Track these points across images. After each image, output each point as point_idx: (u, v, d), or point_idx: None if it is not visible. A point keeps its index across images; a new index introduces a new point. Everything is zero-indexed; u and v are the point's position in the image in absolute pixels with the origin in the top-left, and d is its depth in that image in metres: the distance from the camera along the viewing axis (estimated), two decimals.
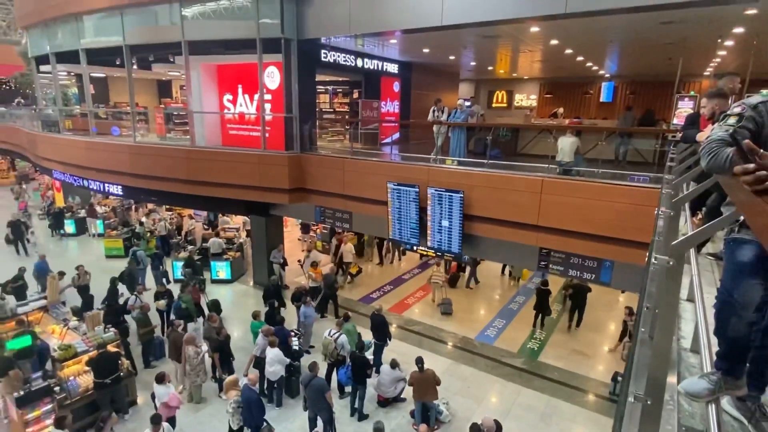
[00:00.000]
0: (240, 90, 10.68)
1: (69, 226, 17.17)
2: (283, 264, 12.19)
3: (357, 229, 10.43)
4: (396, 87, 15.08)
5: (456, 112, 9.08)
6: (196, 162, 10.13)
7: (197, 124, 10.81)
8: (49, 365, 7.81)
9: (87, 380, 7.37)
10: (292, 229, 17.99)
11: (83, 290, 10.43)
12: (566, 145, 7.40)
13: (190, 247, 14.23)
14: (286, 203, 10.11)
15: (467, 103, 11.72)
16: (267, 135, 9.93)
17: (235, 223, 17.35)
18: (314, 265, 11.30)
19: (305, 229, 15.67)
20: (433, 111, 9.60)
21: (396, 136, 12.75)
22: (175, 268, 12.46)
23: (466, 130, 8.95)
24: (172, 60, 12.24)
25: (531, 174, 7.21)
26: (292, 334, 8.42)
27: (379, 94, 14.13)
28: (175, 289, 10.26)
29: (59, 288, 10.08)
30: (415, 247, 8.87)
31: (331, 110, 16.04)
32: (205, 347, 8.17)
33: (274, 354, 7.43)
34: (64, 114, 14.60)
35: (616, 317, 11.33)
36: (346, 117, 15.53)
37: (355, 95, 15.15)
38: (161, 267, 12.41)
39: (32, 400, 6.71)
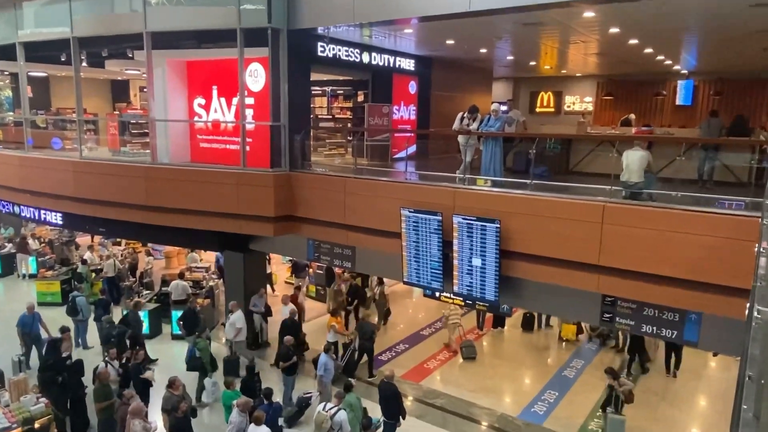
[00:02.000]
0: (215, 92, 11.00)
1: None
2: (266, 314, 12.19)
3: (362, 268, 10.46)
4: (412, 88, 15.40)
5: (489, 120, 9.23)
6: (158, 183, 10.35)
7: (160, 135, 11.10)
8: None
9: None
10: (278, 268, 18.07)
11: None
12: (634, 160, 7.43)
13: (145, 292, 14.34)
14: (271, 235, 10.20)
15: (503, 108, 11.90)
16: (248, 148, 10.15)
17: (205, 261, 17.50)
18: (335, 313, 11.56)
19: (298, 269, 15.68)
20: (461, 118, 9.76)
21: (412, 149, 12.92)
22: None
23: (502, 142, 9.06)
24: (130, 56, 12.69)
25: (588, 198, 7.23)
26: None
27: (390, 97, 14.44)
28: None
29: None
30: (438, 294, 8.83)
31: (330, 117, 16.38)
32: (157, 424, 8.11)
33: None
34: None
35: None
36: (349, 125, 15.84)
37: (360, 98, 15.49)
38: (108, 316, 12.45)
39: None
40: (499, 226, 7.65)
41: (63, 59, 13.08)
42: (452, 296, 8.77)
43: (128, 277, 15.74)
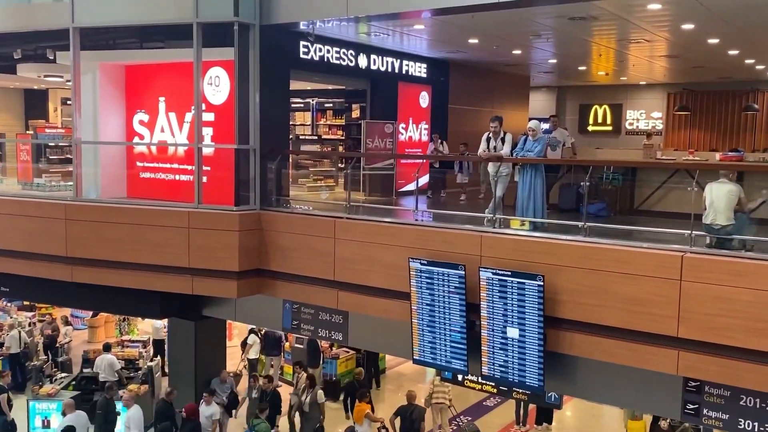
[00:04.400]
0: (162, 106, 11.23)
1: None
2: (230, 405, 12.06)
3: (356, 342, 10.43)
4: (423, 100, 15.73)
5: (526, 141, 9.38)
6: (82, 226, 10.45)
7: (88, 162, 11.27)
8: None
9: None
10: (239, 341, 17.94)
11: None
12: (720, 196, 7.51)
13: (61, 376, 14.21)
14: (234, 297, 10.21)
15: (545, 126, 12.11)
16: (205, 180, 10.30)
17: (141, 332, 17.44)
18: (362, 397, 11.75)
19: (269, 344, 15.53)
20: (487, 139, 9.94)
21: (424, 180, 13.08)
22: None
23: (544, 171, 9.18)
24: (51, 58, 13.02)
25: (661, 247, 7.29)
26: None
27: (395, 112, 14.71)
28: None
29: None
30: (461, 378, 8.78)
31: (316, 137, 16.63)
32: None
33: None
34: None
35: None
36: (340, 149, 16.07)
37: (356, 113, 15.78)
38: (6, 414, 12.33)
39: None
40: (542, 283, 7.65)
41: None
42: (480, 381, 8.72)
43: (36, 355, 15.66)
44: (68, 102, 17.48)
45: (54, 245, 10.61)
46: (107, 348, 14.09)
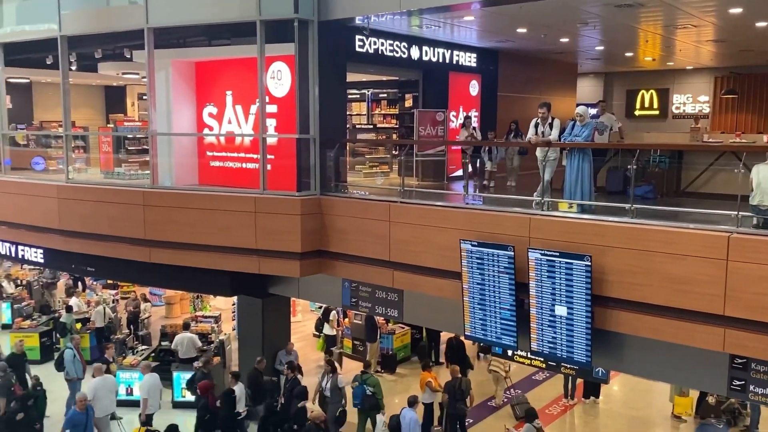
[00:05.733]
0: (229, 99, 11.44)
1: None
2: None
3: (411, 318, 10.48)
4: (473, 88, 15.58)
5: (574, 126, 9.23)
6: (158, 212, 10.76)
7: (162, 152, 11.58)
8: None
9: None
10: (304, 318, 18.31)
11: None
12: (767, 177, 7.29)
13: (142, 348, 14.73)
14: (297, 276, 10.39)
15: (592, 111, 11.87)
16: (269, 167, 10.46)
17: (213, 309, 17.91)
18: (426, 367, 11.97)
19: (326, 315, 15.81)
20: (536, 125, 9.80)
21: (479, 163, 13.01)
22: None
23: (592, 155, 9.03)
24: (128, 57, 13.39)
25: (708, 228, 7.11)
26: None
27: (446, 100, 14.63)
28: None
29: None
30: (511, 353, 8.75)
31: (371, 126, 16.69)
32: None
33: None
34: None
35: None
36: (394, 137, 16.09)
37: (408, 102, 15.76)
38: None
39: None
40: (589, 264, 7.56)
41: (49, 62, 13.90)
42: (530, 356, 8.68)
43: (120, 328, 16.25)
44: (144, 97, 17.91)
45: (133, 229, 10.96)
46: (186, 326, 14.51)
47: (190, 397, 12.55)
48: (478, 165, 12.60)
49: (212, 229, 10.29)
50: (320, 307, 16.94)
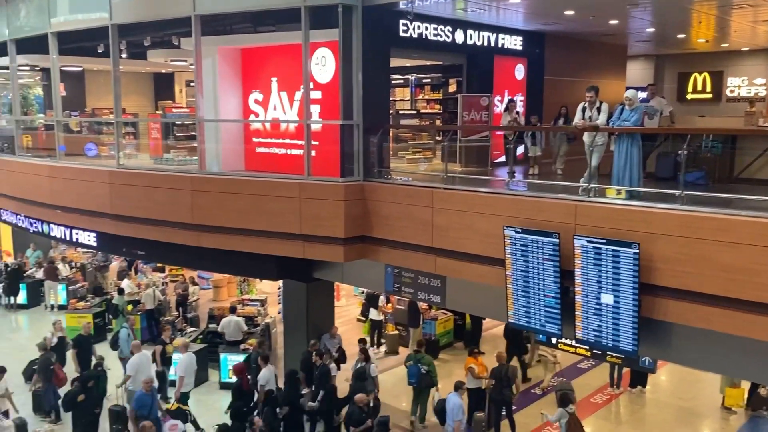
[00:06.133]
0: (274, 86, 11.52)
1: (20, 293, 19.05)
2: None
3: (453, 304, 10.45)
4: (519, 72, 15.33)
5: (623, 111, 9.02)
6: (206, 197, 10.94)
7: (210, 138, 11.76)
8: None
9: None
10: (348, 302, 18.45)
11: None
12: None
13: (190, 330, 15.08)
14: (341, 261, 10.44)
15: (642, 95, 11.57)
16: (313, 154, 10.52)
17: (260, 292, 18.18)
18: (476, 353, 12.01)
19: (373, 302, 15.87)
20: (583, 109, 9.61)
21: (520, 150, 12.83)
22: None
23: (641, 140, 8.82)
24: (176, 44, 13.60)
25: (764, 215, 6.87)
26: None
27: (490, 85, 14.44)
28: None
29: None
30: (555, 341, 8.65)
31: (414, 112, 16.62)
32: None
33: None
34: (21, 126, 16.63)
35: None
36: (438, 122, 15.99)
37: (452, 87, 15.63)
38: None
39: None
40: (637, 251, 7.40)
41: (100, 51, 14.21)
42: (574, 344, 8.56)
43: (168, 310, 16.65)
44: (192, 84, 18.20)
45: (182, 213, 11.17)
46: (233, 310, 14.78)
47: (235, 378, 12.79)
48: (522, 151, 12.44)
49: (258, 214, 10.42)
50: (363, 292, 17.06)
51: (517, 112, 13.70)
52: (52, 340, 13.51)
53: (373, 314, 15.66)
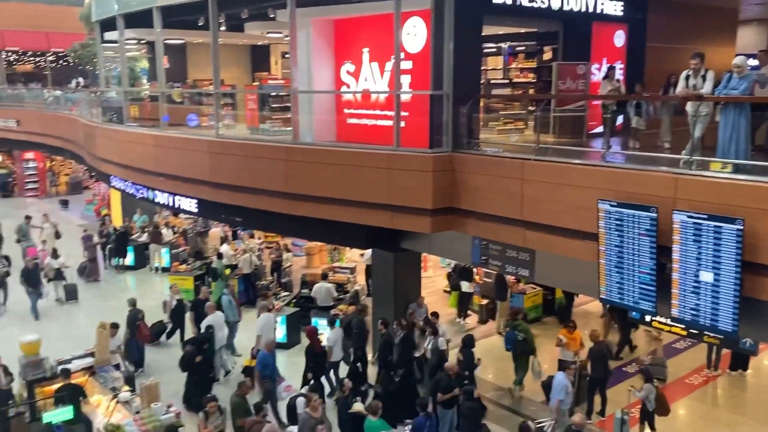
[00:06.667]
0: (366, 57, 11.55)
1: (128, 255, 20.32)
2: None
3: (542, 278, 10.28)
4: (619, 39, 14.64)
5: (731, 79, 8.47)
6: (298, 167, 11.19)
7: (303, 109, 11.98)
8: None
9: None
10: (435, 273, 18.51)
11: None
12: None
13: (284, 294, 15.63)
14: (428, 232, 10.46)
15: (752, 63, 10.80)
16: (403, 124, 10.52)
17: (349, 260, 18.53)
18: (571, 327, 12.00)
19: (465, 274, 15.82)
20: (687, 77, 9.09)
21: (619, 120, 12.31)
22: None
23: (750, 111, 8.27)
24: (272, 17, 13.86)
25: None
26: None
27: (588, 53, 13.89)
28: None
29: (110, 344, 11.94)
30: (649, 318, 8.36)
31: (507, 81, 16.26)
32: None
33: None
34: (128, 97, 17.53)
35: None
36: (531, 91, 15.57)
37: (547, 55, 15.13)
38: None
39: None
40: (741, 228, 7.00)
41: (201, 24, 14.70)
42: (669, 323, 8.25)
43: (264, 275, 17.29)
44: (286, 56, 18.57)
45: (276, 182, 11.49)
46: (324, 276, 15.18)
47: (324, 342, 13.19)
48: (621, 121, 11.89)
49: (348, 184, 10.56)
50: (449, 264, 17.05)
51: (618, 81, 13.09)
52: (171, 303, 14.37)
53: (465, 286, 15.63)
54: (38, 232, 20.79)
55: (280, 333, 13.81)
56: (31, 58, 38.06)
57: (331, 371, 12.25)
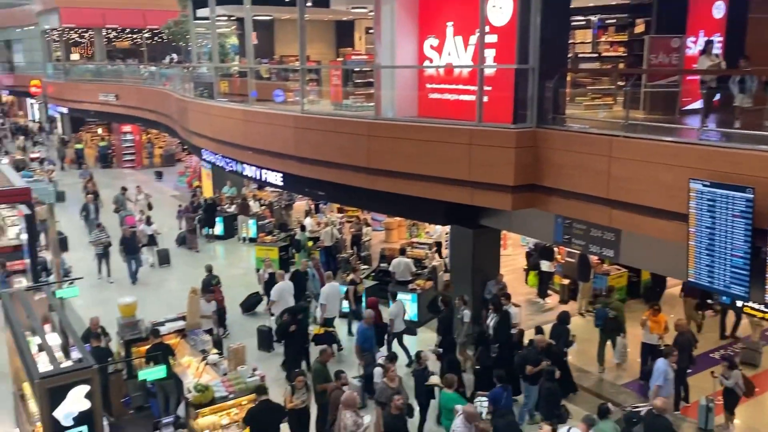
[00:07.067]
0: (450, 31, 11.41)
1: (217, 226, 21.14)
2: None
3: (627, 259, 9.99)
4: (718, 10, 13.82)
5: None
6: (381, 142, 11.25)
7: (385, 85, 11.99)
8: (181, 409, 9.81)
9: None
10: (514, 251, 18.28)
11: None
12: None
13: (363, 267, 15.86)
14: (508, 209, 10.32)
15: None
16: (485, 99, 10.36)
17: (426, 237, 18.55)
18: (656, 310, 11.74)
19: (546, 253, 15.57)
20: None
21: (717, 97, 11.66)
22: None
23: None
24: None
25: None
26: None
27: (683, 25, 13.20)
28: None
29: (201, 309, 12.49)
30: (741, 304, 7.99)
31: (595, 55, 15.71)
32: (369, 419, 9.03)
33: None
34: (219, 73, 18.07)
35: None
36: (621, 66, 15.01)
37: (639, 28, 14.50)
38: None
39: None
40: None
41: (288, 0, 14.93)
42: (763, 309, 7.86)
43: (344, 248, 17.59)
44: (370, 31, 18.61)
45: (358, 157, 11.60)
46: (403, 251, 15.29)
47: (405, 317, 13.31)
48: (719, 98, 11.24)
49: (429, 159, 10.54)
50: (528, 243, 16.81)
51: (716, 56, 12.37)
52: (264, 276, 14.89)
53: (545, 266, 15.38)
54: (133, 203, 21.90)
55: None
56: (129, 35, 39.78)
57: (395, 341, 12.53)
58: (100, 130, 39.05)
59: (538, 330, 11.24)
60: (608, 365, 12.42)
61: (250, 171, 15.63)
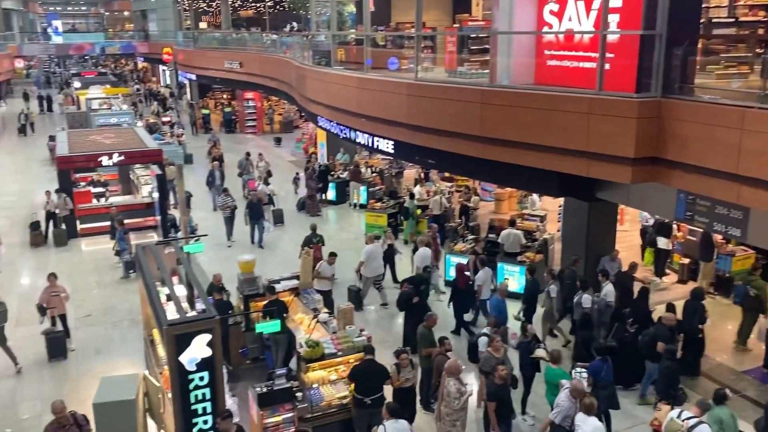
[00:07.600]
0: None
1: (330, 191, 21.70)
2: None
3: (756, 239, 9.33)
4: None
5: None
6: (494, 110, 11.04)
7: (502, 51, 11.71)
8: (293, 363, 10.29)
9: (332, 394, 9.34)
10: (631, 227, 17.54)
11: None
12: None
13: (470, 237, 15.78)
14: (627, 182, 9.87)
15: None
16: (607, 67, 9.89)
17: (540, 208, 18.15)
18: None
19: (664, 230, 14.80)
20: None
21: None
22: None
23: None
24: None
25: None
26: None
27: None
28: None
29: (326, 271, 12.91)
30: None
31: (732, 20, 14.55)
32: (472, 387, 9.06)
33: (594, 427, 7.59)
34: (336, 41, 18.33)
35: None
36: (759, 31, 13.84)
37: None
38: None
39: (274, 402, 8.98)
40: None
41: None
42: None
43: (453, 218, 17.56)
44: None
45: (471, 126, 11.47)
46: (513, 223, 15.04)
47: (514, 289, 13.14)
48: None
49: (544, 128, 10.25)
50: (648, 219, 16.03)
51: None
52: (383, 246, 15.04)
53: (661, 243, 14.65)
54: (255, 168, 22.85)
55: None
56: (253, 4, 41.15)
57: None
58: (224, 97, 40.92)
59: (669, 307, 10.77)
60: (727, 347, 11.77)
61: (362, 138, 15.85)
